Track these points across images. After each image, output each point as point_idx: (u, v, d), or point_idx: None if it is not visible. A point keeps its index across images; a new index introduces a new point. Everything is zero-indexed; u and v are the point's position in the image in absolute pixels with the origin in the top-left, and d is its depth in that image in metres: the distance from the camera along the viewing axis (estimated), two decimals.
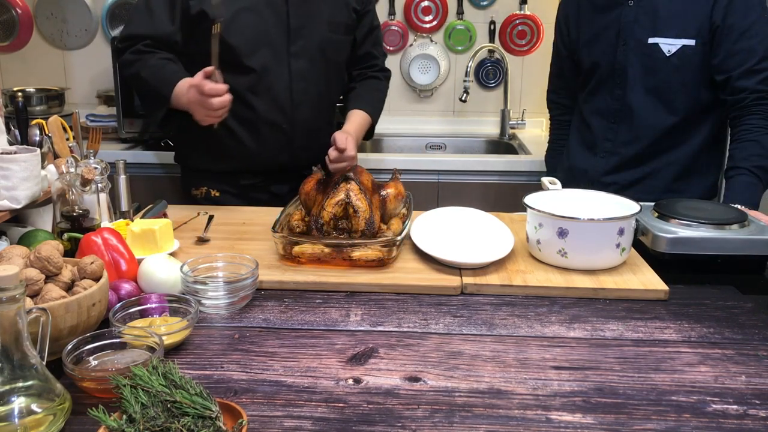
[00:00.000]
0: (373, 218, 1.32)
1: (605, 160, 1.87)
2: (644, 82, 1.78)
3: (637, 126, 1.81)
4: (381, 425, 0.84)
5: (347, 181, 1.35)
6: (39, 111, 2.78)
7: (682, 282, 1.27)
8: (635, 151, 1.82)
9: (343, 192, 1.34)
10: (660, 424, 0.85)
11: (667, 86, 1.76)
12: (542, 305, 1.19)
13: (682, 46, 1.72)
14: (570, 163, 2.00)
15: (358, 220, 1.31)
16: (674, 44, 1.72)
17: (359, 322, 1.12)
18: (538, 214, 1.30)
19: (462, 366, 0.98)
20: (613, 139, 1.85)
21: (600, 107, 1.88)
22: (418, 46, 3.09)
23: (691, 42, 1.71)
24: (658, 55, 1.75)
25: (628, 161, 1.84)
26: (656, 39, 1.74)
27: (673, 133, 1.79)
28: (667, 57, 1.73)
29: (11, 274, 0.77)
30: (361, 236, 1.31)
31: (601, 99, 1.87)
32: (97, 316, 1.01)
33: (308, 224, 1.38)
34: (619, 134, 1.84)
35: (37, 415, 0.79)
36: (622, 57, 1.80)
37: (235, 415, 0.80)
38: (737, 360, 1.01)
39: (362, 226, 1.31)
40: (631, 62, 1.79)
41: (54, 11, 3.05)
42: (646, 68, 1.77)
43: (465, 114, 3.18)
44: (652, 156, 1.82)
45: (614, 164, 1.86)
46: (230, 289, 1.13)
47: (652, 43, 1.75)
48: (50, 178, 1.40)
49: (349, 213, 1.32)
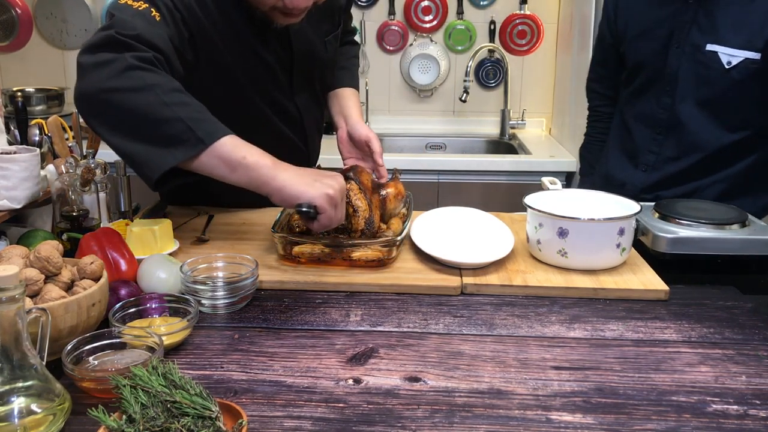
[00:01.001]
0: (373, 218, 1.32)
1: (646, 174, 1.70)
2: (696, 93, 1.59)
3: (686, 141, 1.62)
4: (381, 425, 0.83)
5: (347, 181, 1.35)
6: (39, 111, 2.79)
7: (682, 282, 1.27)
8: (680, 168, 1.65)
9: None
10: (660, 425, 0.84)
11: (724, 101, 1.57)
12: (542, 305, 1.19)
13: (745, 59, 1.51)
14: (608, 171, 1.82)
15: (357, 220, 1.31)
16: (736, 56, 1.52)
17: (359, 322, 1.11)
18: (539, 214, 1.30)
19: (462, 366, 0.98)
20: (658, 152, 1.67)
21: (644, 113, 1.69)
22: (418, 46, 3.09)
23: (756, 56, 1.50)
24: (715, 66, 1.54)
25: (672, 177, 1.67)
26: (715, 47, 1.54)
27: (725, 152, 1.61)
28: (726, 69, 1.53)
29: (11, 274, 0.77)
30: (360, 236, 1.30)
31: (647, 104, 1.68)
32: (97, 317, 1.00)
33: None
34: (664, 148, 1.66)
35: (37, 416, 0.79)
36: (674, 61, 1.60)
37: (235, 415, 0.80)
38: (737, 360, 1.01)
39: (362, 226, 1.31)
40: (683, 69, 1.59)
41: (54, 11, 3.05)
42: (699, 78, 1.58)
43: (465, 114, 3.18)
44: (698, 174, 1.64)
45: (656, 180, 1.68)
46: (230, 289, 1.13)
47: (710, 51, 1.54)
48: (50, 178, 1.40)
49: (349, 213, 1.32)
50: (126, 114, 1.08)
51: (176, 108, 1.07)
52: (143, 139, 1.08)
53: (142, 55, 1.11)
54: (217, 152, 1.06)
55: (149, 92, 1.07)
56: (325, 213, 1.08)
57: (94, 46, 1.13)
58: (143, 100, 1.07)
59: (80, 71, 1.13)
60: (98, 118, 1.12)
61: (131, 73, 1.07)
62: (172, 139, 1.06)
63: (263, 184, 1.07)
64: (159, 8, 1.22)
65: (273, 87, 1.50)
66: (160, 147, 1.07)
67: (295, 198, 1.06)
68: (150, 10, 1.20)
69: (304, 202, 1.05)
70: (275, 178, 1.06)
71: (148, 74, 1.09)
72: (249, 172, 1.06)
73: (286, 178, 1.06)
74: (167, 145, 1.06)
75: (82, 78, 1.12)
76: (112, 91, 1.08)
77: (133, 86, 1.07)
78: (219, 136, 1.07)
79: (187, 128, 1.06)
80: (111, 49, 1.11)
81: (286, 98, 1.54)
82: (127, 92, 1.07)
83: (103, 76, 1.09)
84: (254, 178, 1.07)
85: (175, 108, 1.06)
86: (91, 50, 1.13)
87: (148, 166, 1.08)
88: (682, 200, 1.48)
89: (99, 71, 1.09)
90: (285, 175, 1.07)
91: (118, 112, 1.09)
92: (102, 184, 1.40)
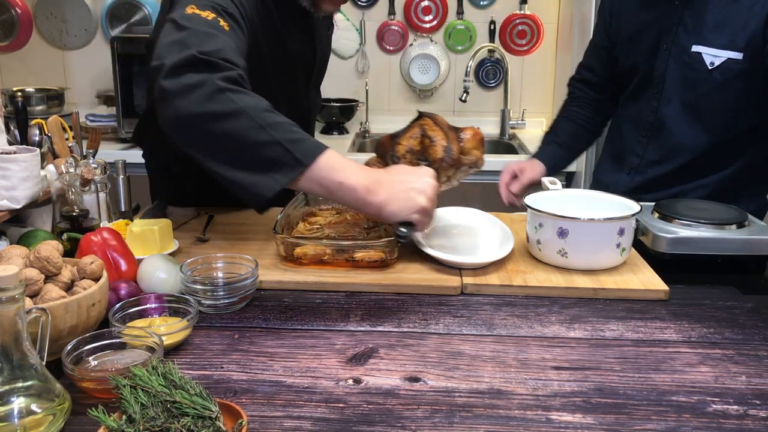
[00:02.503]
0: (451, 146, 1.23)
1: (630, 177, 1.68)
2: (682, 95, 1.57)
3: (668, 145, 1.61)
4: (381, 425, 0.83)
5: (420, 118, 1.29)
6: (39, 111, 2.79)
7: (682, 282, 1.27)
8: (662, 172, 1.63)
9: (417, 127, 1.28)
10: (660, 425, 0.84)
11: (707, 104, 1.54)
12: (542, 305, 1.19)
13: (727, 59, 1.48)
14: (597, 175, 1.83)
15: (435, 149, 1.23)
16: (719, 56, 1.49)
17: (359, 322, 1.11)
18: (539, 214, 1.30)
19: (462, 366, 0.98)
20: (641, 155, 1.66)
21: (633, 116, 1.68)
22: (418, 46, 3.09)
23: (738, 55, 1.47)
24: (699, 67, 1.52)
25: (654, 181, 1.65)
26: (700, 48, 1.51)
27: (707, 158, 1.58)
28: (709, 70, 1.50)
29: (11, 274, 0.77)
30: (441, 165, 1.21)
31: (637, 107, 1.67)
32: (97, 317, 1.00)
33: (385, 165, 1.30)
34: (648, 151, 1.65)
35: (37, 416, 0.79)
36: (662, 63, 1.58)
37: (235, 415, 0.80)
38: (737, 360, 1.01)
39: (440, 154, 1.22)
40: (670, 70, 1.57)
41: (54, 11, 3.05)
42: (685, 80, 1.55)
43: (465, 114, 3.18)
44: (680, 178, 1.62)
45: (638, 183, 1.67)
46: (230, 289, 1.13)
47: (695, 52, 1.52)
48: (50, 178, 1.40)
49: (425, 145, 1.24)
50: (223, 140, 1.06)
51: (271, 130, 1.06)
52: (243, 166, 1.07)
53: (229, 75, 1.08)
54: (316, 176, 1.08)
55: (243, 116, 1.05)
56: (422, 224, 1.13)
57: (177, 67, 1.06)
58: (238, 125, 1.05)
59: (167, 96, 1.07)
60: (194, 145, 1.09)
61: (222, 96, 1.05)
62: (272, 162, 1.06)
63: (361, 207, 1.12)
64: (224, 16, 1.18)
65: (293, 80, 1.52)
66: (260, 172, 1.07)
67: (393, 218, 1.11)
68: (218, 20, 1.16)
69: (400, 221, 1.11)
70: (372, 202, 1.10)
71: (239, 96, 1.07)
72: (346, 196, 1.10)
73: (381, 200, 1.10)
74: (267, 170, 1.06)
75: (171, 104, 1.06)
76: (205, 117, 1.05)
77: (226, 111, 1.05)
78: (316, 155, 1.07)
79: (285, 151, 1.06)
80: (195, 70, 1.06)
81: (302, 92, 1.57)
82: (221, 117, 1.05)
83: (194, 102, 1.05)
84: (352, 201, 1.11)
85: (270, 130, 1.06)
86: (174, 73, 1.06)
87: (254, 194, 1.08)
88: (682, 200, 1.48)
89: (188, 96, 1.05)
90: (380, 197, 1.10)
91: (214, 138, 1.06)
92: (102, 184, 1.40)
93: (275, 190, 1.07)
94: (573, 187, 2.67)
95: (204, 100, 1.05)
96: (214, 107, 1.05)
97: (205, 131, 1.06)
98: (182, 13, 1.15)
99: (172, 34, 1.12)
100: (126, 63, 2.61)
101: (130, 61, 2.62)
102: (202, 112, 1.05)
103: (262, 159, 1.06)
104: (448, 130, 1.29)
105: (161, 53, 1.09)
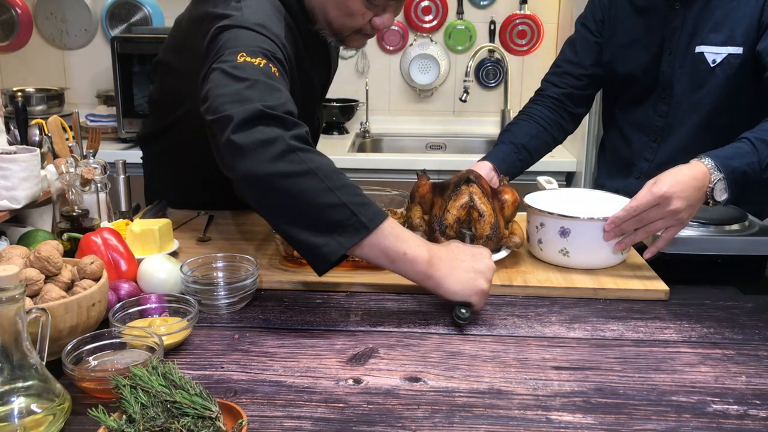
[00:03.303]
0: (498, 223, 1.28)
1: (639, 181, 1.60)
2: (690, 98, 1.57)
3: (676, 149, 1.60)
4: (381, 425, 0.83)
5: (469, 184, 1.29)
6: (39, 111, 2.79)
7: (682, 282, 1.27)
8: None
9: (466, 195, 1.28)
10: (660, 425, 0.84)
11: (713, 105, 1.54)
12: (542, 305, 1.19)
13: (728, 55, 1.49)
14: (600, 183, 1.79)
15: (482, 224, 1.26)
16: (720, 53, 1.50)
17: (359, 322, 1.11)
18: (540, 213, 1.30)
19: (462, 366, 0.98)
20: (651, 160, 1.64)
21: (639, 121, 1.66)
22: (418, 46, 3.09)
23: (737, 50, 1.48)
24: (703, 66, 1.52)
25: None
26: (702, 47, 1.52)
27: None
28: (712, 68, 1.51)
29: (11, 274, 0.77)
30: (485, 242, 1.26)
31: (643, 112, 1.65)
32: (97, 317, 1.00)
33: (429, 223, 1.33)
34: (658, 155, 1.63)
35: (37, 416, 0.79)
36: (667, 68, 1.58)
37: (235, 415, 0.80)
38: (737, 360, 1.01)
39: (487, 231, 1.26)
40: (677, 74, 1.57)
41: (54, 11, 3.05)
42: (692, 82, 1.55)
43: (465, 114, 3.18)
44: None
45: None
46: (230, 289, 1.13)
47: (698, 53, 1.53)
48: (50, 178, 1.40)
49: (473, 217, 1.27)
50: (292, 199, 1.06)
51: (339, 192, 1.05)
52: (308, 226, 1.07)
53: (299, 134, 1.07)
54: (380, 243, 1.08)
55: (313, 177, 1.05)
56: (480, 305, 1.13)
57: (245, 122, 1.04)
58: (308, 186, 1.05)
59: (237, 151, 1.05)
60: (263, 202, 1.09)
61: (293, 156, 1.05)
62: (337, 225, 1.06)
63: (421, 280, 1.11)
64: (274, 62, 1.17)
65: (311, 104, 1.56)
66: (324, 234, 1.06)
67: (453, 296, 1.10)
68: (269, 67, 1.15)
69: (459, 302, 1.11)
70: (432, 276, 1.10)
71: (309, 155, 1.06)
72: (407, 268, 1.09)
73: (442, 275, 1.10)
74: (331, 231, 1.06)
75: (243, 159, 1.05)
76: (278, 176, 1.04)
77: (297, 171, 1.04)
78: (380, 221, 1.07)
79: (351, 213, 1.06)
80: (265, 125, 1.06)
81: (314, 111, 1.62)
82: (292, 177, 1.04)
83: (266, 159, 1.04)
84: (412, 273, 1.10)
85: (338, 192, 1.05)
86: (243, 127, 1.05)
87: (318, 256, 1.08)
88: None
89: (260, 153, 1.04)
90: (441, 272, 1.10)
91: (284, 197, 1.06)
92: (102, 184, 1.40)
93: (338, 253, 1.06)
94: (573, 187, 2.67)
95: (276, 159, 1.04)
96: (287, 167, 1.04)
97: (277, 189, 1.05)
98: (234, 62, 1.13)
99: (228, 85, 1.10)
100: (126, 63, 2.62)
101: (130, 61, 2.62)
102: (275, 172, 1.04)
103: (328, 220, 1.06)
104: (492, 199, 1.31)
105: (221, 106, 1.07)
